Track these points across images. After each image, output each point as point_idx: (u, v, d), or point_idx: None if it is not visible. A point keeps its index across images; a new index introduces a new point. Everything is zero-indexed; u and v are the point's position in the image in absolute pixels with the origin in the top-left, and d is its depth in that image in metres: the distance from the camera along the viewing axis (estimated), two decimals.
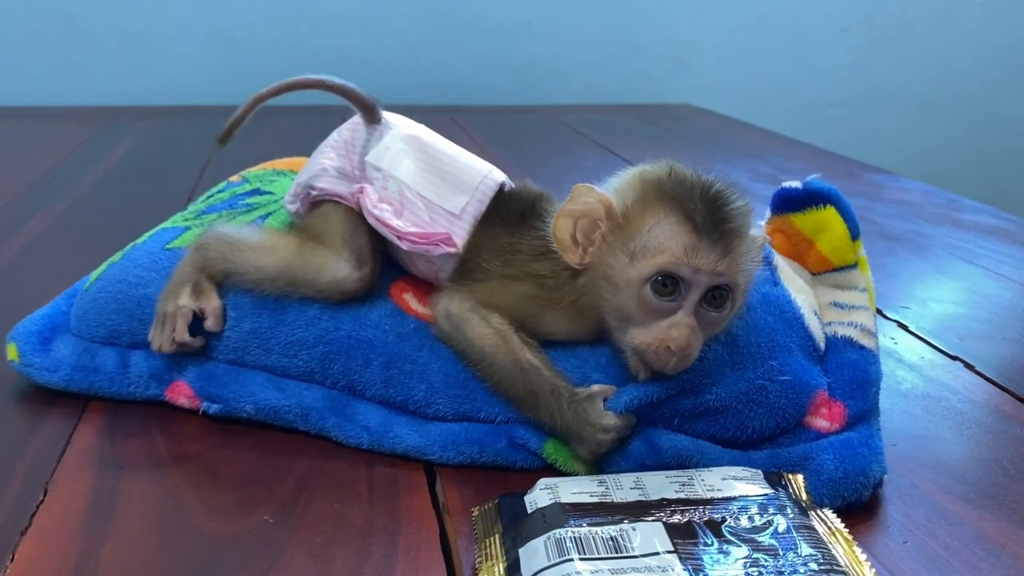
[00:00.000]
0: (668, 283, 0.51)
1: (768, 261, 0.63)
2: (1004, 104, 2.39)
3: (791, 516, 0.46)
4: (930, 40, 2.31)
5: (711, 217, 0.51)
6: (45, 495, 0.51)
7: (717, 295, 0.52)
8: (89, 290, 0.66)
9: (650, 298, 0.51)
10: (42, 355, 0.63)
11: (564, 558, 0.42)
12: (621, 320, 0.53)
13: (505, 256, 0.58)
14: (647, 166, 0.56)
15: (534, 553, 0.44)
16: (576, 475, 0.54)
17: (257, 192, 0.76)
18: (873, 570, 0.44)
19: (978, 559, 0.49)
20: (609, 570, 0.41)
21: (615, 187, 0.55)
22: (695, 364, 0.54)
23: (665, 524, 0.45)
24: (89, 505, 0.51)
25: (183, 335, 0.60)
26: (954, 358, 0.75)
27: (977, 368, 0.73)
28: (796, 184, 0.66)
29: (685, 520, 0.45)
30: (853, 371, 0.59)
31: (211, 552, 0.47)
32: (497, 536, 0.47)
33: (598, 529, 0.44)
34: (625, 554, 0.43)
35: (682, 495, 0.48)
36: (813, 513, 0.47)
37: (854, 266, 0.65)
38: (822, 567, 0.42)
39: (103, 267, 0.68)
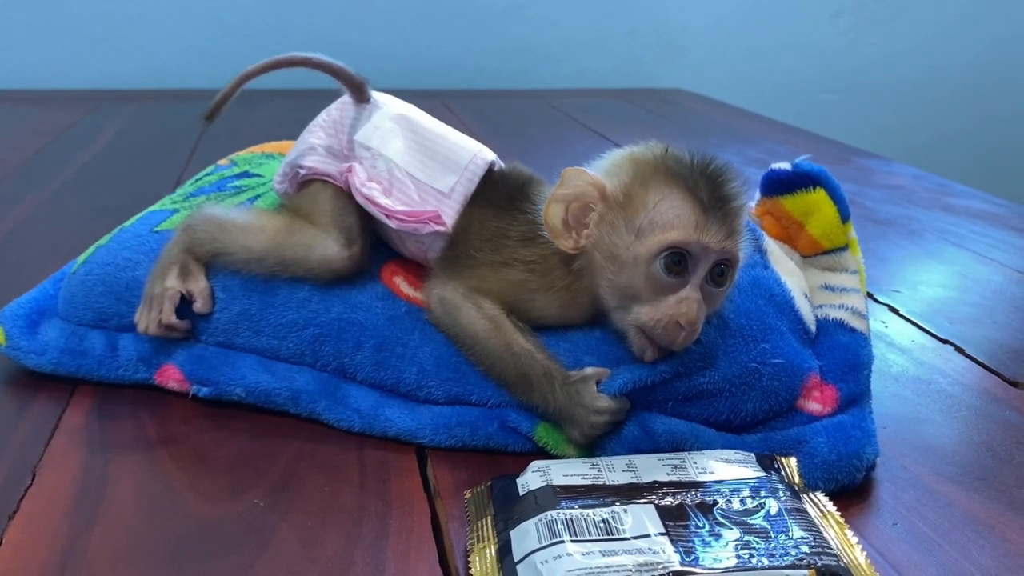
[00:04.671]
0: (677, 260, 0.51)
1: (758, 244, 0.63)
2: (995, 89, 2.39)
3: (783, 499, 0.46)
4: (921, 25, 2.31)
5: (715, 194, 0.51)
6: (33, 479, 0.51)
7: (720, 271, 0.52)
8: (77, 273, 0.65)
9: (659, 274, 0.51)
10: (30, 338, 0.63)
11: (555, 540, 0.42)
12: (625, 299, 0.53)
13: (494, 241, 0.58)
14: (635, 147, 0.56)
15: (525, 535, 0.43)
16: (567, 458, 0.54)
17: (245, 175, 0.76)
18: (864, 553, 0.44)
19: (967, 540, 0.49)
20: (600, 552, 0.41)
21: (604, 169, 0.55)
22: (689, 347, 0.53)
23: (657, 506, 0.45)
24: (78, 489, 0.50)
25: (170, 317, 0.60)
26: (944, 341, 0.76)
27: (967, 351, 0.74)
28: (785, 166, 0.66)
29: (677, 502, 0.45)
30: (844, 354, 0.59)
31: (201, 536, 0.47)
32: (489, 518, 0.47)
33: (590, 511, 0.44)
34: (617, 536, 0.42)
35: (674, 478, 0.48)
36: (805, 496, 0.48)
37: (844, 248, 0.65)
38: (813, 550, 0.42)
39: (91, 250, 0.67)
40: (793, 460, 0.51)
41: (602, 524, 0.43)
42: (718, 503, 0.45)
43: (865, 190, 1.26)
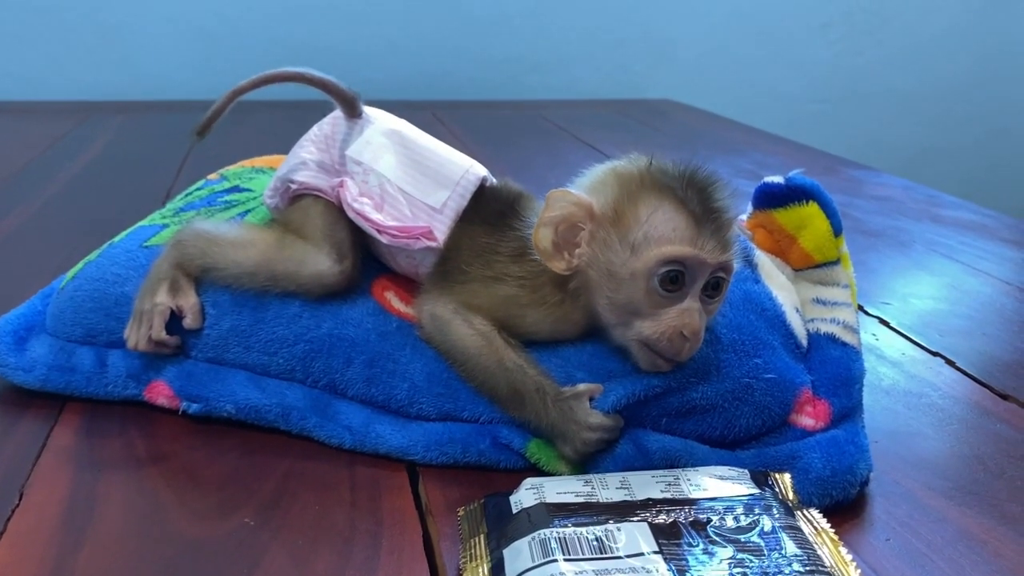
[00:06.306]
0: (674, 277, 0.51)
1: (749, 258, 0.63)
2: (984, 100, 2.41)
3: (777, 516, 0.46)
4: (909, 36, 2.32)
5: (706, 205, 0.51)
6: (20, 499, 0.50)
7: (716, 283, 0.52)
8: (65, 289, 0.65)
9: (658, 289, 0.51)
10: (17, 355, 0.62)
11: (548, 559, 0.42)
12: (625, 315, 0.53)
13: (485, 257, 0.58)
14: (618, 161, 0.56)
15: (518, 554, 0.43)
16: (560, 475, 0.54)
17: (236, 189, 0.75)
18: (858, 571, 0.43)
19: (960, 556, 0.49)
20: (593, 571, 0.41)
21: (588, 186, 0.55)
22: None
23: (650, 524, 0.44)
24: (66, 509, 0.50)
25: (160, 333, 0.59)
26: (935, 354, 0.76)
27: (958, 364, 0.74)
28: (778, 180, 0.66)
29: (670, 520, 0.45)
30: (836, 368, 0.59)
31: (191, 556, 0.46)
32: (482, 536, 0.46)
33: (583, 529, 0.44)
34: (610, 555, 0.42)
35: (668, 495, 0.48)
36: (799, 513, 0.47)
37: (836, 262, 0.65)
38: (807, 568, 0.42)
39: (80, 265, 0.67)
40: (787, 476, 0.50)
41: (595, 542, 0.43)
42: (712, 521, 0.45)
43: (854, 201, 1.26)
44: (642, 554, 0.42)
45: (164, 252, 0.62)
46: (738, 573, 0.41)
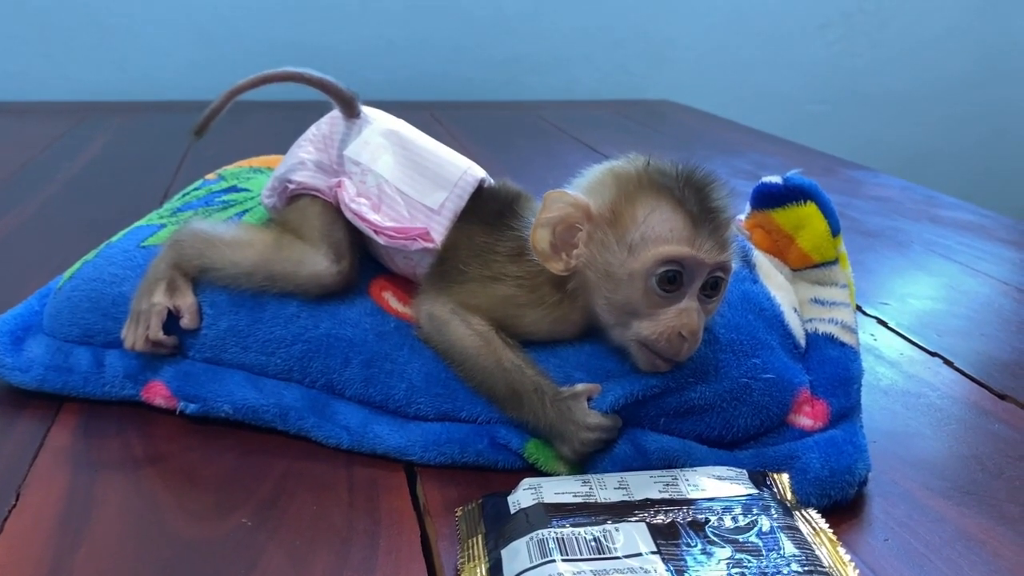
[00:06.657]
0: (672, 276, 0.51)
1: (747, 258, 0.63)
2: (983, 100, 2.41)
3: (775, 516, 0.46)
4: (907, 36, 2.32)
5: (703, 205, 0.51)
6: (17, 499, 0.50)
7: (714, 282, 0.52)
8: (63, 289, 0.65)
9: (656, 289, 0.51)
10: (14, 355, 0.62)
11: (546, 559, 0.42)
12: (624, 315, 0.53)
13: (483, 257, 0.58)
14: (616, 161, 0.56)
15: (516, 554, 0.43)
16: (558, 475, 0.54)
17: (233, 189, 0.75)
18: (857, 571, 0.43)
19: (958, 556, 0.49)
20: (591, 571, 0.41)
21: (586, 186, 0.55)
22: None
23: (648, 525, 0.44)
24: (63, 509, 0.50)
25: (157, 333, 0.59)
26: (933, 354, 0.76)
27: (956, 364, 0.74)
28: (776, 180, 0.66)
29: (668, 520, 0.45)
30: (835, 368, 0.58)
31: (188, 557, 0.46)
32: (480, 537, 0.46)
33: (581, 530, 0.44)
34: (608, 555, 0.42)
35: (666, 495, 0.48)
36: (797, 513, 0.47)
37: (834, 262, 0.65)
38: (806, 568, 0.42)
39: (77, 265, 0.66)
40: (785, 477, 0.50)
41: (593, 543, 0.43)
42: (710, 521, 0.45)
43: (853, 202, 1.26)
44: (640, 554, 0.42)
45: (161, 252, 0.62)
46: (736, 573, 0.41)
